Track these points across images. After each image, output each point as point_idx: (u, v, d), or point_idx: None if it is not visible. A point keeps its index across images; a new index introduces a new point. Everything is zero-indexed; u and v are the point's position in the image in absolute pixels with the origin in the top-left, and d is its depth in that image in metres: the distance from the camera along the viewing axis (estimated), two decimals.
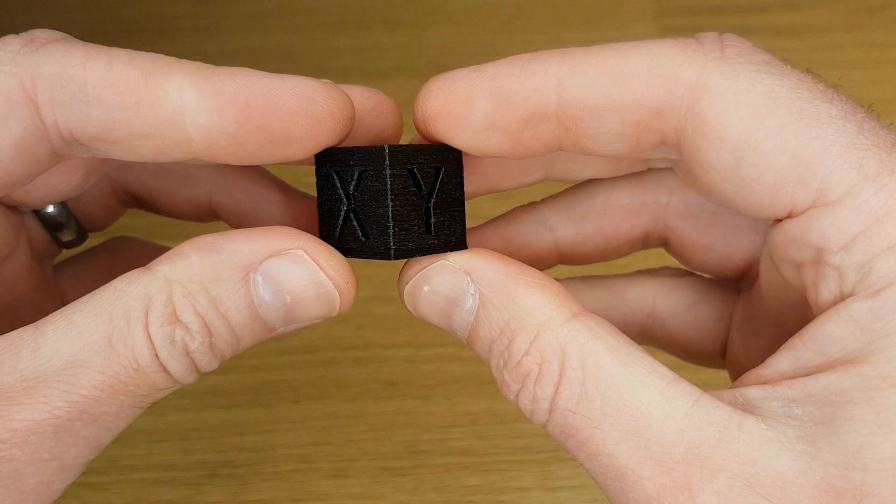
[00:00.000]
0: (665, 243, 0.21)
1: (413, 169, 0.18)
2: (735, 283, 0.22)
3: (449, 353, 0.39)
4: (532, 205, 0.21)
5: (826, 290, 0.16)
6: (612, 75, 0.17)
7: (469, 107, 0.17)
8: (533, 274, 0.17)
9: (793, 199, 0.16)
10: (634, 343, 0.17)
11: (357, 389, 0.38)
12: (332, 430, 0.37)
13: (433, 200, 0.18)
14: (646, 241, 0.21)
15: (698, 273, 0.22)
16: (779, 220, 0.17)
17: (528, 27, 0.55)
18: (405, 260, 0.18)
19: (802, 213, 0.16)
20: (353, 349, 0.39)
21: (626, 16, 0.56)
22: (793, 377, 0.16)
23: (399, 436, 0.37)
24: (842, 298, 0.16)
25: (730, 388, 0.17)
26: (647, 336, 0.23)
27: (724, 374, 0.24)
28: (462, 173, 0.18)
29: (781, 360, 0.17)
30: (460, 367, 0.38)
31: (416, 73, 0.53)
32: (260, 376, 0.38)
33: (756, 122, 0.16)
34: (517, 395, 0.17)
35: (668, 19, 0.55)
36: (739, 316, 0.21)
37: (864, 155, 0.15)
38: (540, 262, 0.21)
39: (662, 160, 0.19)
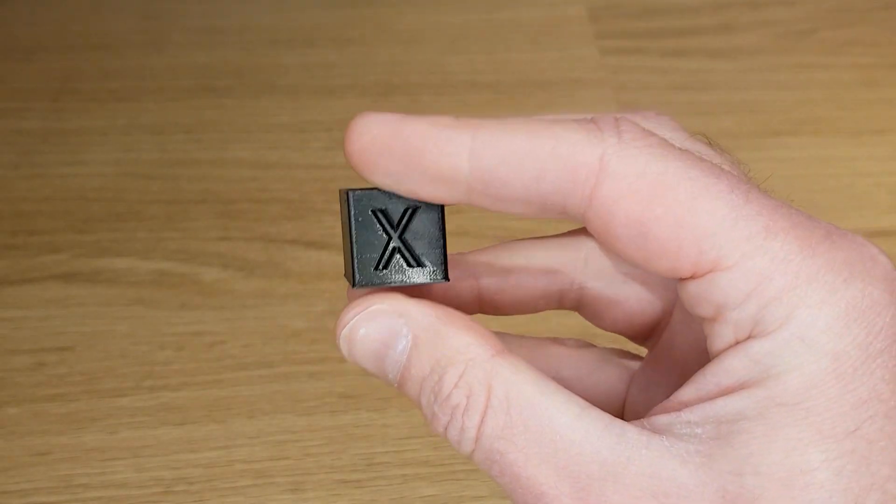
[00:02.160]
0: (579, 305, 0.23)
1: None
2: (642, 341, 0.24)
3: None
4: (460, 254, 0.23)
5: (721, 340, 0.18)
6: (521, 153, 0.18)
7: (384, 156, 0.19)
8: (460, 317, 0.19)
9: (695, 265, 0.18)
10: (550, 378, 0.19)
11: (313, 403, 0.38)
12: (288, 444, 0.37)
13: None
14: (561, 301, 0.23)
15: (597, 346, 0.25)
16: (684, 280, 0.19)
17: (474, 47, 0.57)
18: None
19: (703, 276, 0.18)
20: (308, 363, 0.40)
21: (567, 38, 0.57)
22: (694, 404, 0.18)
23: (355, 448, 0.37)
24: (736, 343, 0.18)
25: (642, 419, 0.19)
26: None
27: None
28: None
29: (685, 392, 0.19)
30: None
31: (364, 91, 0.54)
32: (214, 392, 0.39)
33: (656, 201, 0.18)
34: (446, 427, 0.19)
35: (608, 41, 0.57)
36: (642, 371, 0.24)
37: (751, 224, 0.18)
38: (464, 306, 0.23)
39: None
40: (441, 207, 0.20)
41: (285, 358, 0.40)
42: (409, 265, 0.20)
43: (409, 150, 0.19)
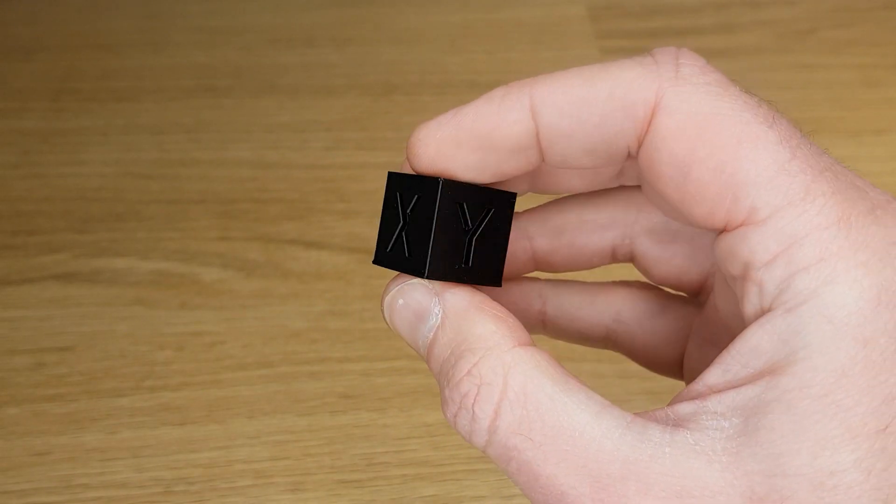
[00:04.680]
0: (632, 258, 0.23)
1: (463, 204, 0.19)
2: (694, 297, 0.23)
3: (404, 366, 0.39)
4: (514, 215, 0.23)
5: (750, 303, 0.18)
6: (579, 101, 0.18)
7: (458, 150, 0.19)
8: (493, 306, 0.19)
9: (728, 214, 0.17)
10: (572, 374, 0.18)
11: (313, 403, 0.38)
12: (288, 444, 0.37)
13: (476, 235, 0.19)
14: (614, 255, 0.23)
15: (662, 290, 0.24)
16: (720, 234, 0.18)
17: (474, 46, 0.57)
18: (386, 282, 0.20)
19: (735, 228, 0.18)
20: (307, 363, 0.40)
21: (568, 37, 0.57)
22: (721, 391, 0.17)
23: (355, 448, 0.37)
24: (762, 312, 0.17)
25: (665, 406, 0.18)
26: (612, 340, 0.24)
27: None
28: (510, 217, 0.20)
29: (712, 375, 0.18)
30: (415, 379, 0.39)
31: (364, 91, 0.54)
32: (214, 392, 0.39)
33: (702, 141, 0.17)
34: (455, 415, 0.18)
35: (609, 41, 0.57)
36: (698, 327, 0.23)
37: (791, 181, 0.17)
38: (519, 266, 0.23)
39: (634, 177, 0.21)
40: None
41: (285, 358, 0.40)
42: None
43: (479, 136, 0.19)
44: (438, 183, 0.19)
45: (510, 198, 0.19)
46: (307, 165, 0.49)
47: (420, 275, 0.19)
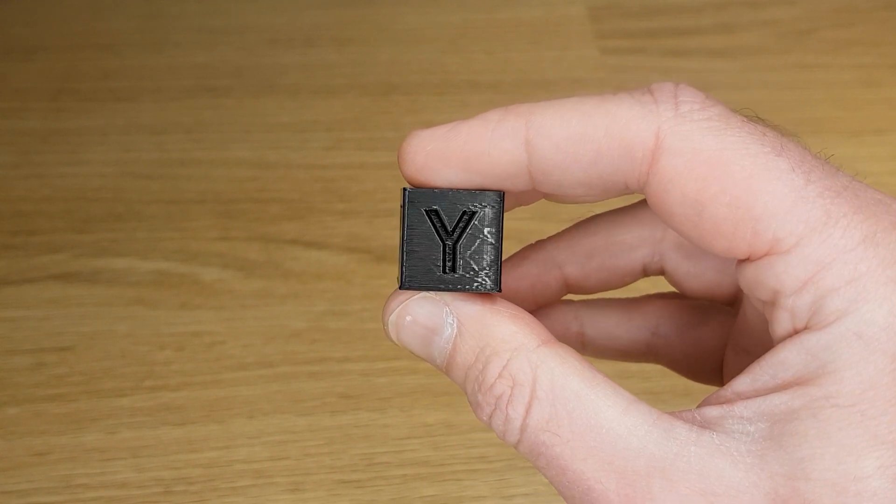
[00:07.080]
0: (663, 273, 0.23)
1: (436, 210, 0.19)
2: (729, 306, 0.24)
3: (404, 366, 0.39)
4: (539, 243, 0.23)
5: (781, 327, 0.18)
6: (575, 137, 0.18)
7: (445, 167, 0.19)
8: (506, 306, 0.19)
9: (750, 247, 0.18)
10: (598, 370, 0.19)
11: (313, 403, 0.38)
12: (288, 444, 0.37)
13: (457, 241, 0.19)
14: (645, 272, 0.23)
15: (699, 301, 0.24)
16: (742, 261, 0.19)
17: (474, 46, 0.57)
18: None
19: (760, 258, 0.18)
20: (307, 363, 0.40)
21: (568, 37, 0.57)
22: (749, 398, 0.18)
23: (355, 448, 0.37)
24: (794, 333, 0.18)
25: (691, 409, 0.18)
26: (652, 353, 0.24)
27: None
28: (500, 218, 0.19)
29: (740, 383, 0.18)
30: (415, 379, 0.39)
31: (364, 91, 0.54)
32: (214, 392, 0.39)
33: (712, 179, 0.17)
34: (490, 417, 0.18)
35: (608, 41, 0.57)
36: (733, 335, 0.23)
37: (810, 207, 0.17)
38: (552, 294, 0.23)
39: None
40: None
41: (285, 358, 0.40)
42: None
43: (467, 157, 0.18)
44: (404, 191, 0.19)
45: (495, 197, 0.19)
46: (307, 165, 0.49)
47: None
